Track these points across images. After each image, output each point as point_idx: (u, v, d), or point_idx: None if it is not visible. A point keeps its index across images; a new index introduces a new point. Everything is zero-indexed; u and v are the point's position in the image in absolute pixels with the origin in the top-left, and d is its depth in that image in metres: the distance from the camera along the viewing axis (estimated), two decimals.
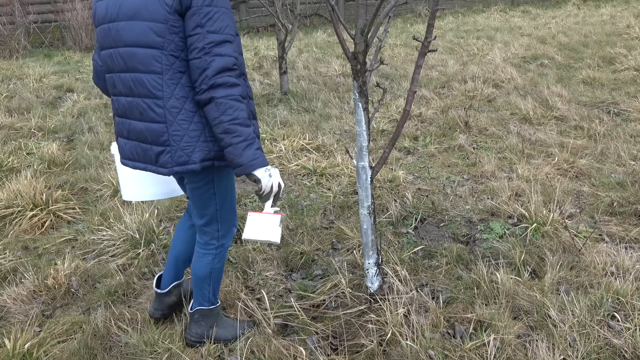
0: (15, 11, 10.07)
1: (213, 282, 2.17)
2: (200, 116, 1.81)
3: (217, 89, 1.71)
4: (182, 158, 1.82)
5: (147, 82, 1.80)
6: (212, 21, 1.71)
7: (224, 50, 1.72)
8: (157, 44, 1.76)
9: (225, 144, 1.76)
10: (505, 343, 2.13)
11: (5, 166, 4.27)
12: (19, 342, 2.26)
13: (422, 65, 2.10)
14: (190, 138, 1.81)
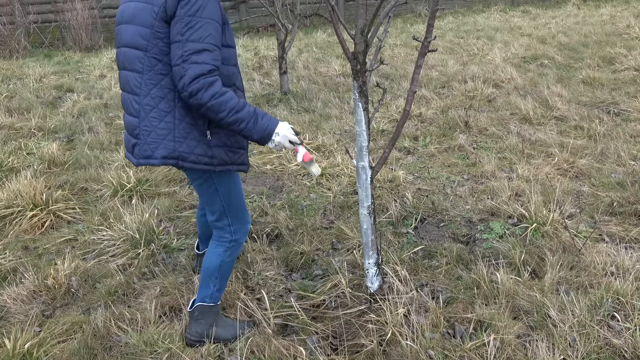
0: (15, 11, 10.07)
1: (221, 276, 2.23)
2: (173, 117, 1.92)
3: (198, 95, 1.80)
4: (147, 152, 1.96)
5: (130, 79, 1.95)
6: (193, 30, 1.80)
7: (201, 58, 1.80)
8: (142, 46, 1.89)
9: (238, 131, 1.91)
10: (505, 343, 2.13)
11: (5, 166, 4.27)
12: (19, 342, 2.26)
13: (422, 65, 2.10)
14: (157, 135, 1.93)
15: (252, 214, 3.40)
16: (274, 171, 4.13)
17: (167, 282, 2.67)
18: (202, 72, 1.79)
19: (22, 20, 10.08)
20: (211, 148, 1.98)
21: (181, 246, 3.10)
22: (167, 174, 4.10)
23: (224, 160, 2.03)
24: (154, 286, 2.69)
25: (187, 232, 3.29)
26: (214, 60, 1.82)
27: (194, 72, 1.78)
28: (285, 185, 3.88)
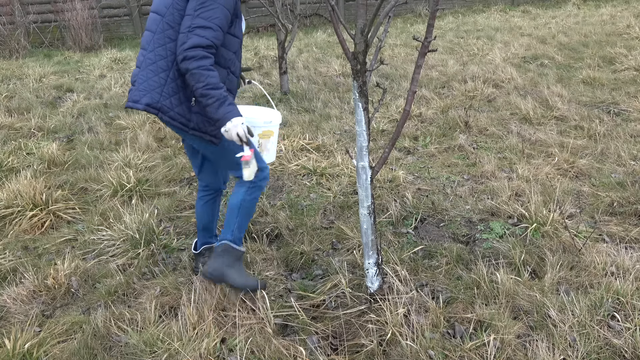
0: (15, 11, 10.07)
1: (241, 214, 2.42)
2: (167, 75, 2.20)
3: (190, 61, 2.07)
4: (135, 97, 2.23)
5: (145, 36, 2.28)
6: (204, 9, 2.10)
7: (204, 33, 2.09)
8: (162, 12, 2.22)
9: (205, 105, 2.12)
10: (505, 343, 2.13)
11: (5, 166, 4.27)
12: (19, 342, 2.26)
13: (422, 65, 2.10)
14: (149, 85, 2.20)
15: None
16: (274, 171, 4.13)
17: (167, 282, 2.67)
18: (201, 44, 2.07)
19: (22, 20, 10.08)
20: (191, 113, 2.24)
21: (181, 246, 3.10)
22: (167, 174, 4.10)
23: (199, 127, 2.26)
24: (154, 286, 2.69)
25: (187, 232, 3.28)
26: (214, 38, 2.10)
27: (194, 41, 2.07)
28: (285, 185, 3.88)
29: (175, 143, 4.82)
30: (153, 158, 4.41)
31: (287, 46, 5.94)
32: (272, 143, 2.83)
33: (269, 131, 2.78)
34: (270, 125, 2.76)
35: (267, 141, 2.80)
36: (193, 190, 3.85)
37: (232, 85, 2.33)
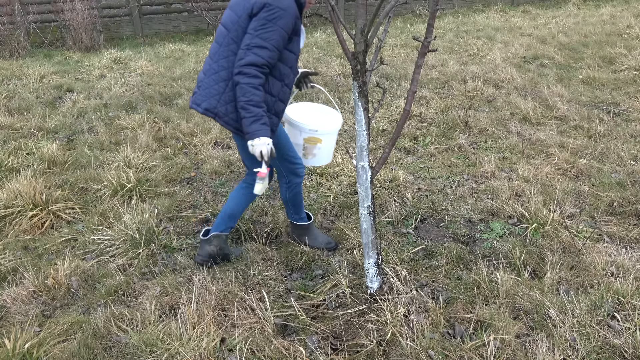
0: (15, 11, 10.07)
1: (292, 206, 2.93)
2: (226, 85, 2.45)
3: (243, 76, 2.30)
4: (197, 101, 2.52)
5: (213, 47, 2.52)
6: (264, 30, 2.30)
7: (260, 52, 2.31)
8: (228, 28, 2.44)
9: (242, 117, 2.36)
10: (505, 343, 2.13)
11: (5, 166, 4.27)
12: (19, 342, 2.26)
13: (422, 65, 2.10)
14: (209, 92, 2.48)
15: (252, 214, 3.40)
16: None
17: (167, 282, 2.67)
18: (256, 62, 2.30)
19: (22, 20, 10.08)
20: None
21: (181, 246, 3.10)
22: (167, 174, 4.11)
23: None
24: (153, 286, 2.69)
25: (187, 232, 3.28)
26: (269, 58, 2.33)
27: (250, 59, 2.30)
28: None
29: (175, 143, 4.83)
30: (153, 158, 4.41)
31: None
32: (319, 149, 2.87)
33: (315, 138, 2.84)
34: (317, 133, 2.81)
35: (312, 146, 2.86)
36: (193, 191, 3.86)
37: (285, 96, 2.54)
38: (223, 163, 4.26)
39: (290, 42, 2.42)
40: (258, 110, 2.33)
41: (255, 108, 2.32)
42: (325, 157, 2.98)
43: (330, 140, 2.91)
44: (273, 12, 2.29)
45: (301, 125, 2.82)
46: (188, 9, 11.51)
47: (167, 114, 5.60)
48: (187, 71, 7.58)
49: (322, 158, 2.96)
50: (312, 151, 2.88)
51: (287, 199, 2.91)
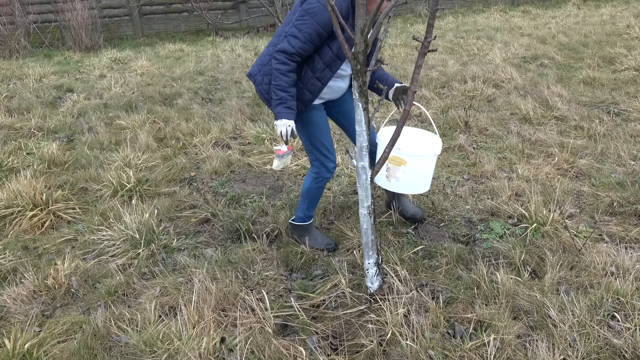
0: (15, 11, 10.07)
1: (308, 199, 2.93)
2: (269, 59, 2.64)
3: (275, 61, 2.49)
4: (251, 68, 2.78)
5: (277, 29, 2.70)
6: (300, 22, 2.45)
7: (292, 41, 2.46)
8: (287, 16, 2.62)
9: (271, 97, 2.57)
10: (505, 343, 2.13)
11: (5, 166, 4.27)
12: (19, 342, 2.26)
13: (422, 65, 2.10)
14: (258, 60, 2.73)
15: (252, 214, 3.40)
16: (274, 171, 4.13)
17: (167, 282, 2.67)
18: (286, 50, 2.45)
19: (22, 20, 10.08)
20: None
21: (181, 246, 3.10)
22: (167, 174, 4.11)
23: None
24: (153, 286, 2.69)
25: (187, 232, 3.28)
26: (300, 49, 2.45)
27: (282, 46, 2.46)
28: (285, 185, 3.88)
29: (175, 143, 4.83)
30: (153, 158, 4.41)
31: None
32: (403, 172, 2.63)
33: (399, 158, 2.62)
34: (399, 152, 2.61)
35: (396, 168, 2.63)
36: (193, 191, 3.86)
37: (314, 88, 2.62)
38: (223, 163, 4.27)
39: (331, 40, 2.50)
40: (283, 94, 2.50)
41: (281, 92, 2.50)
42: (412, 185, 2.68)
43: (418, 165, 2.63)
44: (312, 6, 2.42)
45: (382, 140, 2.67)
46: (188, 9, 11.51)
47: (167, 114, 5.60)
48: (187, 71, 7.58)
49: (408, 185, 2.68)
50: (395, 173, 2.64)
51: (307, 190, 2.91)
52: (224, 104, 5.91)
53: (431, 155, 2.68)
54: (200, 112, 5.62)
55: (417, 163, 2.64)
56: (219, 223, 3.33)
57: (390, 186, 2.76)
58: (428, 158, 2.67)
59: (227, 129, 5.06)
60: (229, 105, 5.81)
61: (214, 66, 7.88)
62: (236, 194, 3.72)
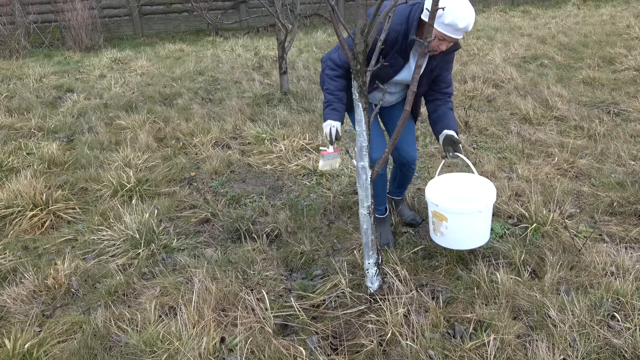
0: (15, 11, 10.07)
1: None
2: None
3: (325, 66, 2.70)
4: None
5: None
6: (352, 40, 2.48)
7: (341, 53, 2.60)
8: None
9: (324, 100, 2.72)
10: (505, 343, 2.13)
11: (5, 166, 4.27)
12: (19, 342, 2.26)
13: (422, 65, 2.10)
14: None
15: (252, 214, 3.40)
16: (274, 171, 4.13)
17: (167, 282, 2.67)
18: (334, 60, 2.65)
19: (22, 20, 10.08)
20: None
21: (181, 246, 3.10)
22: (167, 174, 4.11)
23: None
24: (153, 286, 2.69)
25: (187, 232, 3.28)
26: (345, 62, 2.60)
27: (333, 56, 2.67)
28: (285, 185, 3.88)
29: (175, 143, 4.83)
30: (153, 158, 4.41)
31: (287, 46, 5.94)
32: (445, 228, 2.53)
33: (440, 214, 2.52)
34: (438, 208, 2.52)
35: (439, 223, 2.55)
36: (193, 191, 3.86)
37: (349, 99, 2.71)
38: (223, 163, 4.27)
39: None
40: (330, 97, 2.64)
41: (329, 95, 2.65)
42: (457, 240, 2.56)
43: (460, 222, 2.50)
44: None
45: (426, 195, 2.62)
46: (188, 9, 11.51)
47: (167, 114, 5.60)
48: (187, 71, 7.58)
49: (453, 240, 2.56)
50: (439, 228, 2.57)
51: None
52: (224, 104, 5.91)
53: (474, 211, 2.48)
54: (200, 112, 5.62)
55: (458, 220, 2.50)
56: (219, 223, 3.33)
57: (439, 240, 2.65)
58: (470, 215, 2.48)
59: (227, 129, 5.06)
60: (229, 105, 5.81)
61: (214, 66, 7.88)
62: (236, 194, 3.72)
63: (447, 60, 2.69)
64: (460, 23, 2.35)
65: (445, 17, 2.34)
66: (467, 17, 2.36)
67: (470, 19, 2.39)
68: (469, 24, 2.40)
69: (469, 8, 2.40)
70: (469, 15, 2.38)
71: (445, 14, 2.33)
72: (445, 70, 2.73)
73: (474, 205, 2.48)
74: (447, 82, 2.78)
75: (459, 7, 2.34)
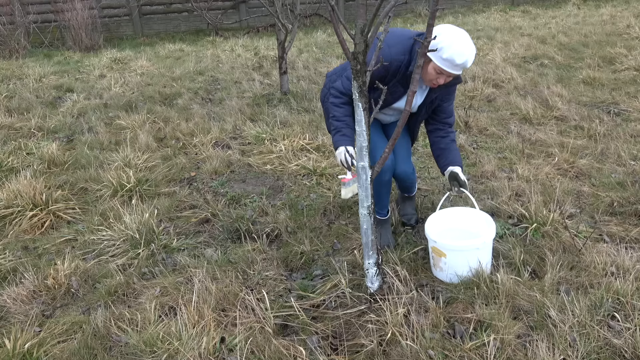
0: (15, 11, 10.07)
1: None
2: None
3: (330, 96, 2.74)
4: None
5: None
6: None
7: (344, 82, 2.65)
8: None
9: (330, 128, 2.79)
10: (505, 343, 2.13)
11: (5, 166, 4.27)
12: (19, 342, 2.26)
13: (422, 65, 2.10)
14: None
15: (252, 214, 3.40)
16: (274, 171, 4.13)
17: (167, 282, 2.67)
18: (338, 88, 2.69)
19: (22, 20, 10.08)
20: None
21: (181, 246, 3.10)
22: (167, 174, 4.11)
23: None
24: (153, 286, 2.69)
25: (187, 232, 3.28)
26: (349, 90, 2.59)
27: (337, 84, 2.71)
28: (285, 185, 3.88)
29: (175, 143, 4.83)
30: (153, 158, 4.41)
31: (287, 46, 5.94)
32: (444, 263, 2.54)
33: (438, 250, 2.53)
34: (436, 244, 2.53)
35: (438, 259, 2.55)
36: (193, 191, 3.86)
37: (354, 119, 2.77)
38: (223, 163, 4.27)
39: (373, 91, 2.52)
40: (338, 123, 2.65)
41: (337, 122, 2.66)
42: (457, 276, 2.55)
43: (459, 259, 2.50)
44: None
45: (425, 230, 2.63)
46: (188, 9, 11.52)
47: (167, 114, 5.60)
48: (187, 71, 7.58)
49: (453, 275, 2.56)
50: (438, 263, 2.57)
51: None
52: (224, 104, 5.91)
53: (472, 249, 2.50)
54: (200, 112, 5.62)
55: (457, 256, 2.50)
56: (219, 223, 3.33)
57: (439, 275, 2.62)
58: (469, 252, 2.49)
59: (227, 129, 5.06)
60: (229, 105, 5.81)
61: (214, 66, 7.88)
62: (236, 194, 3.72)
63: (448, 92, 2.70)
64: (458, 59, 2.35)
65: (443, 51, 2.33)
66: (465, 54, 2.35)
67: (469, 55, 2.37)
68: (467, 61, 2.38)
69: (469, 44, 2.38)
70: (468, 52, 2.37)
71: (444, 49, 2.33)
72: (445, 102, 2.74)
73: (472, 243, 2.52)
74: (447, 112, 2.79)
75: (458, 43, 2.33)
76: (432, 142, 2.88)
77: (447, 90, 2.69)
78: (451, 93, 2.75)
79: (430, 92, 2.68)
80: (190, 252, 3.03)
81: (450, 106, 2.79)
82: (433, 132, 2.86)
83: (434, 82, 2.50)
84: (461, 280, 2.56)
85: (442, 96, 2.71)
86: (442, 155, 2.81)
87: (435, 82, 2.49)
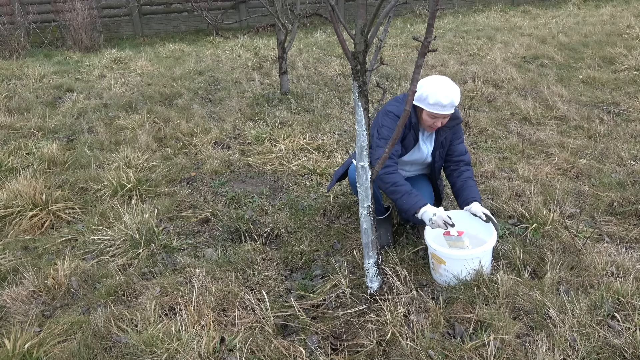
0: (15, 11, 10.06)
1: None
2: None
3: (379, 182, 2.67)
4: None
5: None
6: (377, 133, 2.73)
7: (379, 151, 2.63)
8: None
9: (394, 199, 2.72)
10: (505, 343, 2.13)
11: (5, 166, 4.27)
12: (19, 342, 2.26)
13: (422, 65, 2.10)
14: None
15: (252, 214, 3.40)
16: (274, 171, 4.13)
17: (167, 282, 2.67)
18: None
19: (22, 20, 10.08)
20: None
21: (181, 246, 3.10)
22: (167, 174, 4.10)
23: None
24: (153, 286, 2.69)
25: (187, 232, 3.28)
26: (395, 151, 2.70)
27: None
28: (285, 185, 3.88)
29: (175, 143, 4.83)
30: (153, 158, 4.41)
31: (287, 46, 5.94)
32: (444, 270, 2.54)
33: (438, 257, 2.54)
34: (436, 252, 2.53)
35: (438, 265, 2.57)
36: (193, 191, 3.86)
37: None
38: (223, 163, 4.26)
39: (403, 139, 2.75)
40: (401, 187, 2.64)
41: (399, 187, 2.64)
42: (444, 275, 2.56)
43: (459, 266, 2.50)
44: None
45: (425, 236, 2.63)
46: (188, 9, 11.51)
47: (167, 114, 5.60)
48: (187, 71, 7.57)
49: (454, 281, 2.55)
50: (438, 269, 2.58)
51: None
52: (224, 104, 5.91)
53: (472, 257, 2.51)
54: (200, 112, 5.62)
55: (456, 264, 2.50)
56: (219, 223, 3.33)
57: (439, 280, 2.62)
58: (470, 261, 2.50)
59: (227, 129, 5.06)
60: (229, 105, 5.81)
61: (214, 66, 7.88)
62: (236, 194, 3.72)
63: (454, 132, 2.87)
64: (443, 100, 2.57)
65: (429, 98, 2.60)
66: (449, 95, 2.58)
67: (452, 95, 2.60)
68: (454, 100, 2.61)
69: (451, 86, 2.64)
70: (452, 93, 2.60)
71: (429, 96, 2.59)
72: (455, 141, 2.90)
73: (471, 252, 2.53)
74: (459, 151, 2.93)
75: (440, 88, 2.60)
76: (451, 183, 2.98)
77: (453, 130, 2.85)
78: (457, 132, 2.90)
79: (437, 136, 2.83)
80: (190, 252, 3.03)
81: (460, 145, 2.93)
82: (450, 174, 2.97)
83: (433, 126, 2.70)
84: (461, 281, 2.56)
85: (450, 137, 2.87)
86: (459, 194, 2.89)
87: (433, 126, 2.70)
